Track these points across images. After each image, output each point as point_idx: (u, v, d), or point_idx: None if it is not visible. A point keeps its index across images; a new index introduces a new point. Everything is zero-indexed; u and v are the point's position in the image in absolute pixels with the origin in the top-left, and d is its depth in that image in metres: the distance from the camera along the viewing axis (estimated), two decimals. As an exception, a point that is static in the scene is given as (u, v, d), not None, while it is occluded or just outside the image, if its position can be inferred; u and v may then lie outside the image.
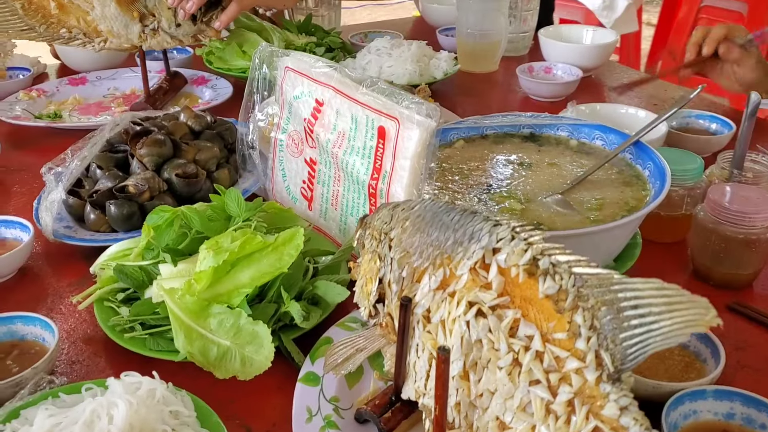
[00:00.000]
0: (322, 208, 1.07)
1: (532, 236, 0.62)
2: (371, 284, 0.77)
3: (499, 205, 0.95)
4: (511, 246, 0.62)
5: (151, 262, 0.93)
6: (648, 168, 1.01)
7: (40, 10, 1.41)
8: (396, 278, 0.72)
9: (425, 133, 0.88)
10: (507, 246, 0.62)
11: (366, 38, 1.97)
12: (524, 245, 0.61)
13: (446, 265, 0.66)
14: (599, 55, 1.73)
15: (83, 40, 1.45)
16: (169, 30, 1.42)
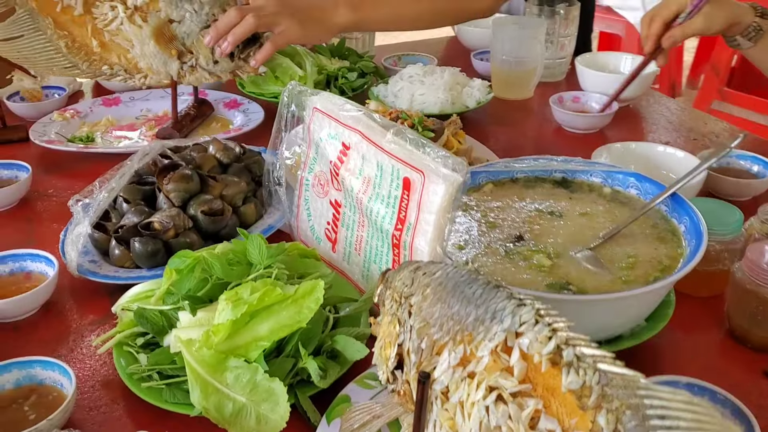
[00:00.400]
0: (345, 251, 1.05)
1: (557, 322, 0.59)
2: (390, 349, 0.75)
3: (527, 260, 0.92)
4: (535, 331, 0.59)
5: (172, 308, 0.92)
6: (684, 223, 0.97)
7: (83, 48, 1.44)
8: (415, 348, 0.70)
9: (451, 188, 0.86)
10: (530, 330, 0.59)
11: (399, 61, 1.95)
12: (548, 332, 0.58)
13: (467, 343, 0.64)
14: (637, 86, 1.68)
15: (124, 76, 1.47)
16: (207, 67, 1.43)
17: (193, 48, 1.42)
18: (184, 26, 1.41)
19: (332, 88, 1.70)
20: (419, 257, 0.90)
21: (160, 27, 1.41)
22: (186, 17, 1.41)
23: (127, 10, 1.41)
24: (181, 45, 1.41)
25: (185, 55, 1.43)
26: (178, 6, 1.40)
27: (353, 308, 0.94)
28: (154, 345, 0.92)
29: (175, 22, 1.42)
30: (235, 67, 1.43)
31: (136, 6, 1.41)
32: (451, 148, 1.30)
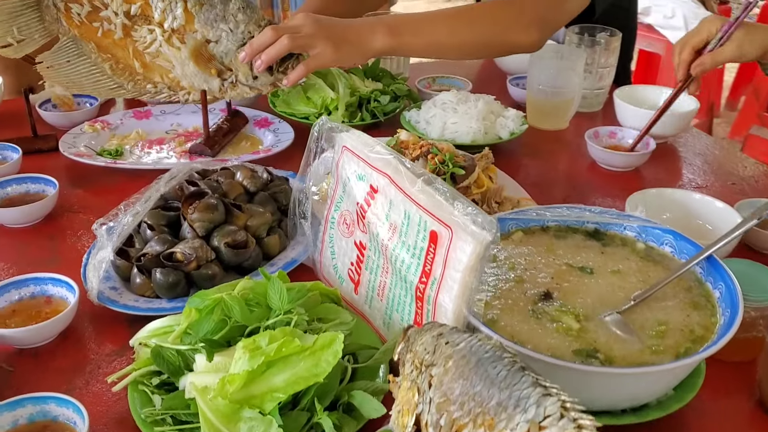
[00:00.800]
0: (368, 295, 1.03)
1: (582, 418, 0.57)
2: (408, 417, 0.73)
3: (555, 322, 0.90)
4: (559, 426, 0.57)
5: (189, 348, 0.91)
6: (719, 289, 0.94)
7: (127, 68, 1.46)
8: (433, 422, 0.68)
9: (479, 247, 0.83)
10: (554, 425, 0.57)
11: (434, 83, 1.93)
12: (573, 428, 0.56)
13: (487, 427, 0.62)
14: (677, 124, 1.64)
15: (168, 93, 1.49)
16: (247, 82, 1.43)
17: (232, 65, 1.41)
18: (221, 46, 1.40)
19: (364, 112, 1.68)
20: (443, 314, 0.87)
21: (197, 48, 1.41)
22: (222, 37, 1.40)
23: (164, 33, 1.42)
24: (220, 63, 1.41)
25: (225, 72, 1.42)
26: (213, 26, 1.39)
27: (373, 359, 0.92)
28: (169, 385, 0.91)
29: (212, 42, 1.42)
30: (275, 80, 1.42)
31: (173, 29, 1.42)
32: (482, 187, 1.27)
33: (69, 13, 1.43)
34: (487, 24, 1.49)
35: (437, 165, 1.27)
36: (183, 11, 1.40)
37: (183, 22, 1.41)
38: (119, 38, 1.44)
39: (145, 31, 1.43)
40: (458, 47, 1.51)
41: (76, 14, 1.43)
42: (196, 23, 1.41)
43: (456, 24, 1.48)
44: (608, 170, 1.57)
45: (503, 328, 0.88)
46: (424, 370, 0.72)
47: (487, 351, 0.68)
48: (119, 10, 1.42)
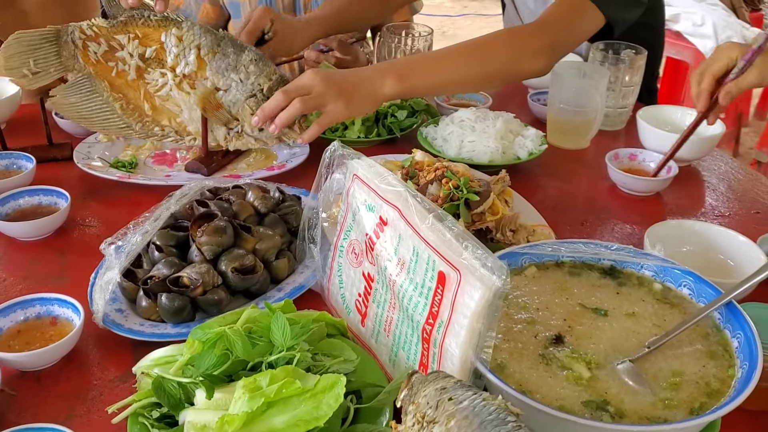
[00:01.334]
0: (374, 329, 1.01)
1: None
2: (407, 472, 0.71)
3: (565, 369, 0.87)
4: (560, 507, 0.54)
5: (190, 381, 0.89)
6: (737, 338, 0.90)
7: (137, 110, 1.49)
8: (433, 483, 0.66)
9: (488, 293, 0.81)
10: (555, 505, 0.55)
11: (453, 97, 1.89)
12: None
13: (486, 498, 0.59)
14: (701, 148, 1.60)
15: (175, 137, 1.52)
16: (252, 133, 1.45)
17: (238, 116, 1.43)
18: (230, 95, 1.42)
19: (380, 127, 1.66)
20: (449, 359, 0.85)
21: (206, 95, 1.42)
22: (232, 86, 1.43)
23: (176, 78, 1.45)
24: (227, 112, 1.42)
25: (231, 122, 1.45)
26: (224, 75, 1.41)
27: (376, 400, 0.90)
28: (170, 418, 0.90)
29: (221, 91, 1.44)
30: (280, 134, 1.43)
31: (185, 74, 1.44)
32: (497, 214, 1.25)
33: (86, 51, 1.45)
34: (495, 57, 1.51)
35: (451, 190, 1.24)
36: (196, 58, 1.43)
37: (195, 69, 1.44)
38: (132, 79, 1.47)
39: (157, 74, 1.46)
40: (468, 83, 1.56)
41: (93, 53, 1.46)
42: (208, 71, 1.43)
43: (464, 61, 1.49)
44: (628, 194, 1.54)
45: (511, 375, 0.86)
46: (425, 425, 0.70)
47: (491, 413, 0.66)
48: (135, 52, 1.45)
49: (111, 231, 1.16)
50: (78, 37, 1.44)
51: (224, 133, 1.47)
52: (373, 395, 0.92)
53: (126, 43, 1.45)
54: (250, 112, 1.42)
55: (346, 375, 0.90)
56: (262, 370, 0.89)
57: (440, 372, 0.77)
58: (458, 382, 0.73)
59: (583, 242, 1.06)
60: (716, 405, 0.81)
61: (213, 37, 1.44)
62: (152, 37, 1.45)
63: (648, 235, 1.22)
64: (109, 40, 1.45)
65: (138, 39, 1.45)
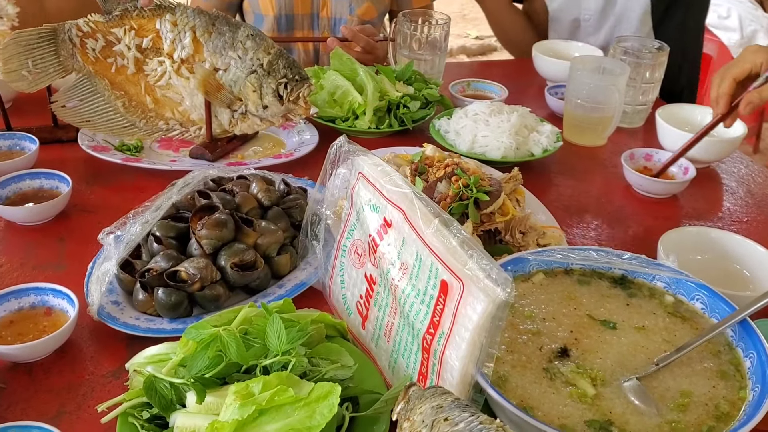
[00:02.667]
0: (374, 333, 0.98)
1: None
2: (399, 492, 0.68)
3: (569, 385, 0.84)
4: None
5: (183, 382, 0.87)
6: (750, 358, 0.87)
7: (139, 106, 1.47)
8: (424, 508, 0.63)
9: (491, 306, 0.77)
10: None
11: (468, 88, 1.85)
12: None
13: None
14: (721, 150, 1.55)
15: (180, 130, 1.49)
16: (257, 113, 1.42)
17: (241, 95, 1.39)
18: (230, 74, 1.38)
19: (392, 118, 1.62)
20: (449, 372, 0.82)
21: (206, 77, 1.39)
22: (231, 64, 1.39)
23: (174, 64, 1.42)
24: (230, 93, 1.38)
25: (235, 102, 1.40)
26: (222, 54, 1.37)
27: (373, 409, 0.87)
28: (161, 419, 0.87)
29: (220, 71, 1.40)
30: (285, 110, 1.40)
31: (183, 58, 1.42)
32: (507, 215, 1.21)
33: (84, 48, 1.43)
34: None
35: (461, 189, 1.21)
36: (192, 40, 1.41)
37: (192, 51, 1.41)
38: (132, 73, 1.45)
39: (155, 63, 1.44)
40: None
41: (91, 49, 1.44)
42: (205, 51, 1.41)
43: None
44: (644, 196, 1.49)
45: (513, 390, 0.83)
46: (419, 445, 0.67)
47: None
48: (132, 43, 1.43)
49: (112, 218, 1.14)
50: (75, 35, 1.43)
51: (228, 116, 1.43)
52: (371, 402, 0.89)
53: (122, 36, 1.43)
54: (252, 89, 1.38)
55: (343, 381, 0.88)
56: (257, 373, 0.86)
57: (438, 388, 0.74)
58: (456, 401, 0.70)
59: (594, 249, 1.02)
60: (725, 430, 0.78)
61: (207, 18, 1.42)
62: (148, 27, 1.43)
63: (662, 242, 1.18)
64: (106, 34, 1.43)
65: (134, 30, 1.43)
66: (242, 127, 1.44)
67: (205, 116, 1.44)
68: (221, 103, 1.41)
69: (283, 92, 1.38)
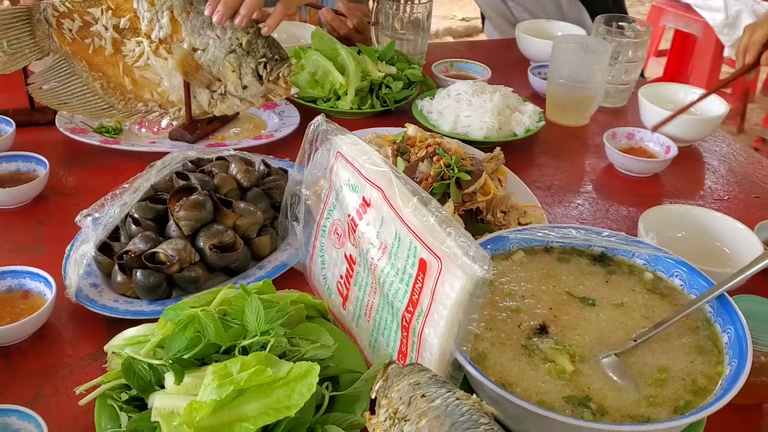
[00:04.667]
0: (355, 313, 0.98)
1: None
2: (377, 469, 0.68)
3: (548, 361, 0.84)
4: None
5: (161, 363, 0.86)
6: (728, 333, 0.87)
7: (118, 87, 1.45)
8: (401, 484, 0.63)
9: (469, 283, 0.77)
10: None
11: (451, 68, 1.84)
12: None
13: (453, 505, 0.57)
14: (703, 128, 1.55)
15: (160, 112, 1.48)
16: (237, 93, 1.40)
17: (220, 75, 1.38)
18: (208, 53, 1.37)
19: (374, 98, 1.61)
20: (428, 350, 0.82)
21: (184, 57, 1.37)
22: (209, 44, 1.38)
23: (152, 44, 1.41)
24: (208, 73, 1.37)
25: (214, 83, 1.39)
26: (200, 34, 1.36)
27: (353, 388, 0.87)
28: (139, 400, 0.87)
29: (199, 50, 1.39)
30: (265, 91, 1.38)
31: (161, 39, 1.41)
32: (488, 194, 1.20)
33: (61, 29, 1.41)
34: None
35: (442, 168, 1.20)
36: (169, 20, 1.39)
37: (170, 31, 1.40)
38: (110, 54, 1.43)
39: (133, 43, 1.42)
40: None
41: (68, 30, 1.41)
42: (183, 31, 1.39)
43: None
44: (626, 175, 1.49)
45: (492, 367, 0.83)
46: (397, 422, 0.67)
47: (463, 414, 0.63)
48: (109, 23, 1.41)
49: (91, 200, 1.13)
50: (51, 15, 1.40)
51: (208, 97, 1.42)
52: (352, 381, 0.89)
53: (100, 16, 1.40)
54: (231, 69, 1.37)
55: (323, 361, 0.88)
56: (235, 354, 0.86)
57: (416, 365, 0.73)
58: (433, 377, 0.70)
59: (574, 227, 1.02)
60: (702, 404, 0.78)
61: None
62: (125, 7, 1.41)
63: (642, 219, 1.18)
64: (83, 14, 1.41)
65: (111, 10, 1.41)
66: (222, 107, 1.43)
67: (184, 97, 1.42)
68: (200, 84, 1.39)
69: (262, 72, 1.36)
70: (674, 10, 4.16)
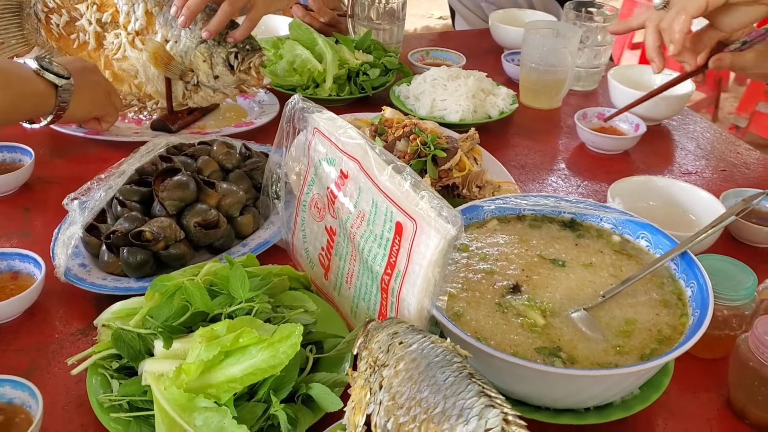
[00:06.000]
0: (336, 282, 1.01)
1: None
2: (359, 415, 0.71)
3: (520, 317, 0.88)
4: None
5: (150, 332, 0.89)
6: (691, 287, 0.92)
7: None
8: (381, 425, 0.67)
9: (443, 241, 0.81)
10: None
11: (427, 56, 1.89)
12: (512, 443, 0.55)
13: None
14: (671, 107, 1.61)
15: (138, 106, 1.51)
16: (209, 83, 1.44)
17: (192, 65, 1.41)
18: (180, 44, 1.41)
19: (352, 85, 1.65)
20: (406, 308, 0.86)
21: (156, 49, 1.41)
22: (181, 35, 1.42)
23: (128, 36, 1.45)
24: (180, 64, 1.40)
25: (187, 74, 1.42)
26: (172, 26, 1.41)
27: (336, 350, 0.91)
28: (129, 369, 0.90)
29: (170, 42, 1.42)
30: (237, 81, 1.43)
31: (137, 31, 1.44)
32: (464, 170, 1.25)
33: (49, 24, 1.45)
34: None
35: (419, 146, 1.24)
36: (144, 13, 1.43)
37: (145, 24, 1.44)
38: (93, 49, 1.47)
39: (112, 35, 1.46)
40: None
41: (56, 24, 1.46)
42: (157, 24, 1.43)
43: None
44: (597, 153, 1.54)
45: (468, 323, 0.87)
46: (377, 369, 0.71)
47: (438, 355, 0.67)
48: (93, 18, 1.45)
49: (77, 188, 1.15)
50: (41, 10, 1.45)
51: (182, 88, 1.46)
52: (335, 346, 0.93)
53: (85, 11, 1.45)
54: (202, 59, 1.41)
55: (307, 326, 0.91)
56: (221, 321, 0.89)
57: (394, 318, 0.77)
58: (410, 327, 0.73)
59: (544, 196, 1.07)
60: (667, 351, 0.82)
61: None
62: (108, 2, 1.46)
63: (611, 190, 1.23)
64: (71, 10, 1.45)
65: (96, 5, 1.45)
66: (196, 99, 1.47)
67: (160, 89, 1.46)
68: (173, 75, 1.42)
69: (234, 62, 1.40)
70: (647, 2, 4.23)
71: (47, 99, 1.25)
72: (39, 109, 1.26)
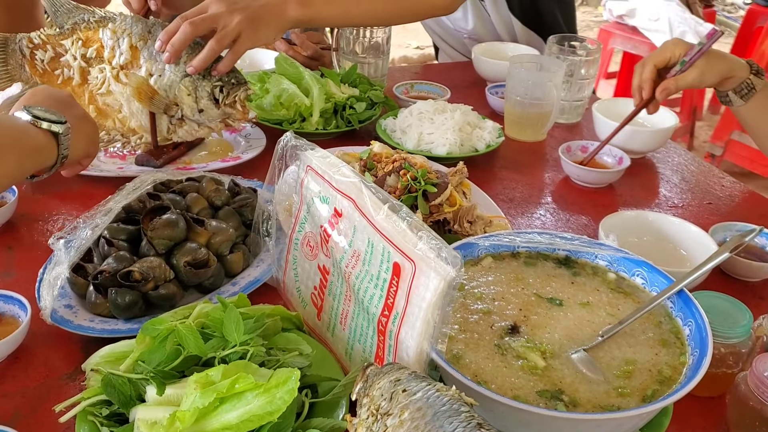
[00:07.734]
0: (330, 322, 1.00)
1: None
2: (362, 465, 0.70)
3: (520, 359, 0.87)
4: (512, 496, 0.54)
5: (141, 377, 0.87)
6: (689, 326, 0.91)
7: None
8: (386, 476, 0.65)
9: (442, 283, 0.80)
10: (507, 494, 0.54)
11: (412, 89, 1.89)
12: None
13: (439, 489, 0.59)
14: (655, 140, 1.62)
15: (122, 141, 1.50)
16: (194, 117, 1.42)
17: (177, 99, 1.40)
18: (164, 78, 1.40)
19: (339, 119, 1.65)
20: (405, 351, 0.84)
21: (139, 84, 1.40)
22: (166, 69, 1.41)
23: (113, 70, 1.44)
24: (164, 98, 1.39)
25: (171, 108, 1.41)
26: (157, 60, 1.41)
27: (332, 394, 0.89)
28: (120, 416, 0.87)
29: (154, 76, 1.42)
30: (222, 115, 1.42)
31: (121, 65, 1.44)
32: (454, 205, 1.24)
33: (33, 60, 1.45)
34: None
35: (409, 182, 1.24)
36: (129, 47, 1.43)
37: (129, 58, 1.43)
38: (77, 84, 1.46)
39: (97, 70, 1.45)
40: (371, 14, 1.56)
41: (40, 60, 1.45)
42: (141, 58, 1.42)
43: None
44: (582, 186, 1.55)
45: (467, 366, 0.86)
46: (380, 418, 0.69)
47: (444, 404, 0.65)
48: (78, 53, 1.45)
49: (61, 225, 1.14)
50: (26, 46, 1.44)
51: (167, 122, 1.44)
52: (330, 389, 0.91)
53: (70, 46, 1.44)
54: (186, 93, 1.39)
55: (302, 369, 0.89)
56: (215, 365, 0.87)
57: (395, 364, 0.76)
58: (412, 374, 0.72)
59: (538, 232, 1.06)
60: (668, 392, 0.82)
61: (143, 25, 1.44)
62: (94, 38, 1.45)
63: (602, 225, 1.23)
64: (56, 46, 1.45)
65: (81, 41, 1.45)
66: (181, 133, 1.45)
67: (144, 123, 1.45)
68: (157, 109, 1.41)
69: (219, 96, 1.39)
70: (622, 33, 4.31)
71: (49, 151, 1.12)
72: (42, 163, 1.13)
